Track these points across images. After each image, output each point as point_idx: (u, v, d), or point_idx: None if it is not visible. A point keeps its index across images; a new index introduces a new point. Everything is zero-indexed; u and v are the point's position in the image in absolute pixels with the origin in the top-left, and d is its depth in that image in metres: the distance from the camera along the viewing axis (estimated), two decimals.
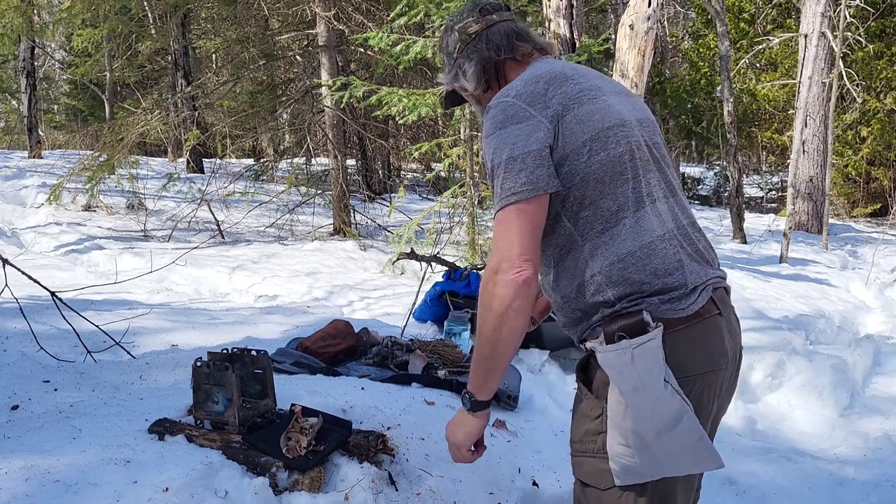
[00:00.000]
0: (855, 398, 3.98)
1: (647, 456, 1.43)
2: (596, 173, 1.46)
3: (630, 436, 1.43)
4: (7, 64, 18.43)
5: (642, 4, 5.46)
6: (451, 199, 6.59)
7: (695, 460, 1.44)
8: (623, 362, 1.41)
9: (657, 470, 1.45)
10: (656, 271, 1.47)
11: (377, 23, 8.37)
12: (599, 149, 1.47)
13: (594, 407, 1.52)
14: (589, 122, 1.47)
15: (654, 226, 1.49)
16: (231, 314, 4.55)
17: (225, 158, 11.37)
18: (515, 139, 1.44)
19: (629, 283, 1.46)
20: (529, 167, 1.43)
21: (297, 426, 2.10)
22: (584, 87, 1.52)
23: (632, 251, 1.47)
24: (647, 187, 1.51)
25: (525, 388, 3.14)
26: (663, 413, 1.41)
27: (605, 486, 1.50)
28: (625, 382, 1.41)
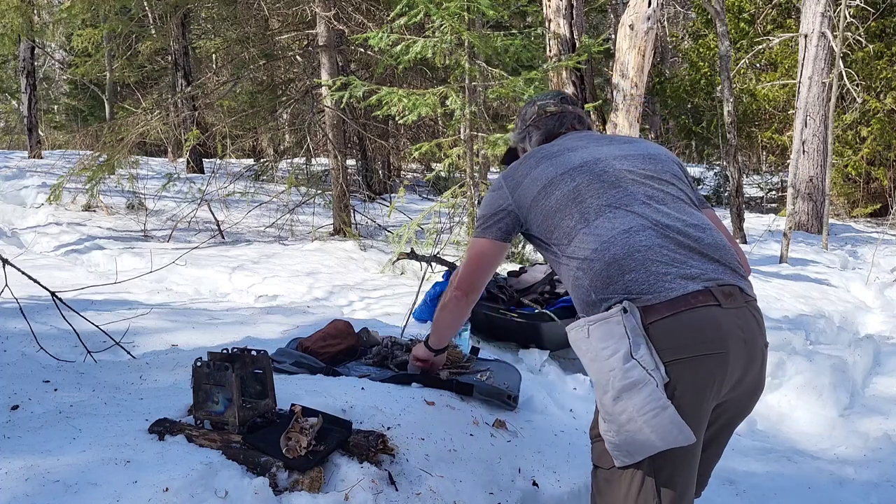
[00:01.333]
0: (855, 398, 3.98)
1: (615, 425, 1.63)
2: (553, 206, 1.90)
3: (601, 408, 1.68)
4: (7, 64, 18.43)
5: (642, 4, 5.46)
6: (451, 199, 6.59)
7: (662, 431, 1.57)
8: (581, 337, 1.69)
9: (630, 442, 1.62)
10: (615, 257, 1.72)
11: (377, 23, 8.37)
12: (553, 190, 1.91)
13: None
14: (540, 178, 1.95)
15: (611, 226, 1.78)
16: (231, 314, 4.55)
17: (225, 158, 11.36)
18: (490, 202, 2.07)
19: (601, 280, 1.72)
20: (491, 221, 2.06)
21: (297, 426, 2.10)
22: (551, 153, 2.01)
23: (595, 248, 1.76)
24: (601, 202, 1.84)
25: (525, 388, 3.14)
26: (618, 381, 1.60)
27: (608, 466, 1.71)
28: (583, 355, 1.70)
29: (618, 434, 1.63)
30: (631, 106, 5.71)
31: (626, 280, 1.68)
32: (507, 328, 3.98)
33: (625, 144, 2.04)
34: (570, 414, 3.19)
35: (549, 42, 6.85)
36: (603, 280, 1.71)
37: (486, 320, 3.98)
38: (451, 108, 6.13)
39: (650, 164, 1.96)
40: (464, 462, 2.41)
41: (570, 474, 2.61)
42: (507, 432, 2.75)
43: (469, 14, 5.86)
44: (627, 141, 2.08)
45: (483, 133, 6.47)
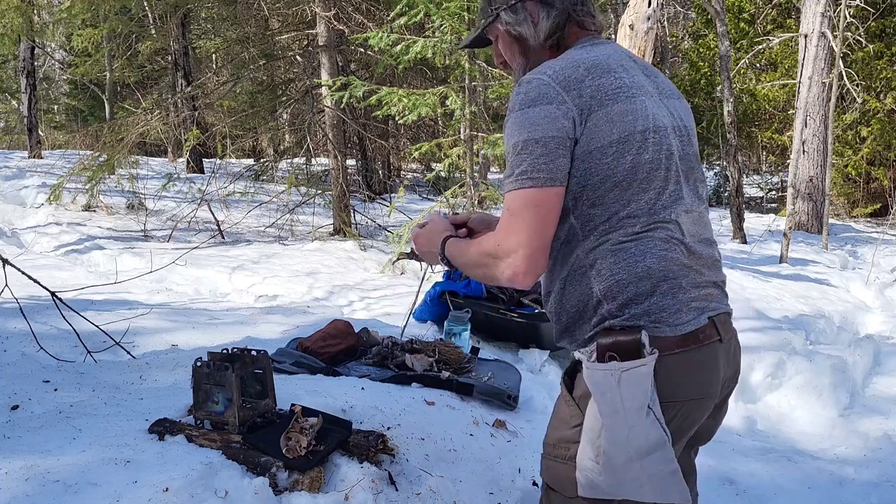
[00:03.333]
0: (855, 398, 3.98)
1: (614, 478, 1.41)
2: (618, 176, 1.40)
3: (601, 455, 1.41)
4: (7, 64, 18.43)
5: (642, 4, 5.46)
6: (451, 199, 6.60)
7: (662, 492, 1.41)
8: (608, 383, 1.38)
9: (620, 491, 1.43)
10: (648, 271, 1.42)
11: (377, 23, 8.37)
12: (626, 152, 1.40)
13: (574, 415, 1.50)
14: (619, 123, 1.40)
15: (660, 237, 1.44)
16: (231, 314, 4.55)
17: (225, 158, 11.36)
18: (541, 120, 1.37)
19: (616, 280, 1.42)
20: (550, 154, 1.37)
21: (297, 426, 2.10)
22: (623, 82, 1.43)
23: (626, 247, 1.42)
24: (667, 199, 1.45)
25: (525, 388, 3.15)
26: (638, 441, 1.38)
27: (570, 494, 1.49)
28: (606, 403, 1.39)
29: (608, 481, 1.41)
30: None
31: (651, 302, 1.41)
32: (507, 328, 3.99)
33: (672, 100, 1.55)
34: None
35: None
36: (625, 294, 1.42)
37: (486, 320, 3.98)
38: (451, 108, 6.14)
39: (691, 146, 1.55)
40: (464, 462, 2.41)
41: None
42: (507, 432, 2.75)
43: (469, 14, 5.86)
44: (673, 97, 1.57)
45: (483, 133, 6.47)
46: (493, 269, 1.43)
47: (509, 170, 1.41)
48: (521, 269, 1.39)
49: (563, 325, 1.53)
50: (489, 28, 1.59)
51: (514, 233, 1.39)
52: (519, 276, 1.40)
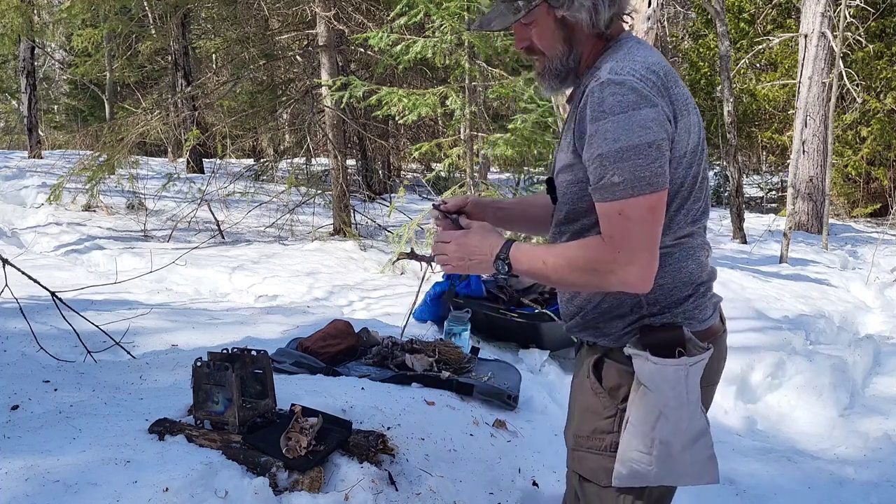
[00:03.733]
0: (855, 398, 3.98)
1: (666, 466, 1.46)
2: (684, 186, 1.44)
3: (657, 446, 1.45)
4: (7, 64, 18.43)
5: (642, 4, 5.46)
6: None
7: (701, 475, 1.50)
8: (678, 377, 1.43)
9: (666, 478, 1.49)
10: (689, 276, 1.49)
11: (377, 23, 8.37)
12: (693, 163, 1.44)
13: (608, 406, 1.53)
14: (691, 134, 1.43)
15: (697, 243, 1.51)
16: (231, 314, 4.55)
17: (225, 158, 11.37)
18: (650, 123, 1.34)
19: (661, 289, 1.46)
20: (663, 157, 1.36)
21: (297, 426, 2.10)
22: (687, 93, 1.46)
23: (670, 253, 1.47)
24: (704, 207, 1.51)
25: (525, 388, 3.15)
26: (694, 429, 1.47)
27: (605, 484, 1.52)
28: (674, 397, 1.43)
29: (658, 470, 1.46)
30: None
31: (689, 304, 1.49)
32: (507, 328, 3.99)
33: None
34: None
35: None
36: (667, 298, 1.48)
37: (486, 320, 3.98)
38: (451, 108, 6.14)
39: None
40: (464, 462, 2.41)
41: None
42: (507, 432, 2.75)
43: (469, 14, 5.86)
44: None
45: (483, 133, 6.47)
46: (609, 275, 1.39)
47: (619, 175, 1.35)
48: (647, 274, 1.39)
49: (588, 319, 1.55)
50: (531, 11, 1.48)
51: (637, 239, 1.37)
52: (646, 282, 1.39)
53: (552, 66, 1.51)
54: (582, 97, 1.43)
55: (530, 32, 1.51)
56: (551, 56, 1.51)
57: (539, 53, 1.53)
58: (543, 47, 1.51)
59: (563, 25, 1.48)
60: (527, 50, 1.55)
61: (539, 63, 1.54)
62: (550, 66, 1.52)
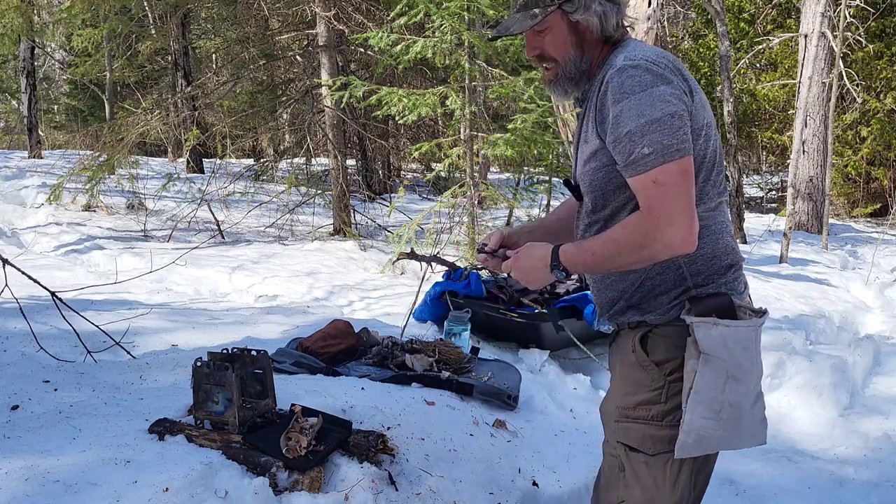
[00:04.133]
0: (855, 398, 3.98)
1: (734, 428, 1.54)
2: (707, 158, 1.54)
3: (726, 409, 1.52)
4: (7, 64, 18.42)
5: (642, 4, 5.46)
6: (451, 199, 6.59)
7: (756, 436, 1.59)
8: (751, 337, 1.53)
9: (730, 442, 1.56)
10: (727, 247, 1.59)
11: (377, 23, 8.37)
12: (710, 136, 1.54)
13: (655, 378, 1.58)
14: (704, 111, 1.53)
15: (725, 213, 1.63)
16: (231, 314, 4.55)
17: (225, 158, 11.36)
18: (669, 97, 1.44)
19: (700, 253, 1.54)
20: (687, 125, 1.45)
21: (297, 426, 2.10)
22: (690, 77, 1.56)
23: (707, 224, 1.55)
24: (723, 182, 1.61)
25: (525, 388, 3.15)
26: (757, 388, 1.57)
27: (653, 452, 1.59)
28: (746, 357, 1.52)
29: (726, 434, 1.54)
30: None
31: (729, 274, 1.59)
32: (507, 328, 3.99)
33: None
34: (570, 414, 3.19)
35: None
36: (710, 267, 1.57)
37: (486, 320, 3.98)
38: (451, 108, 6.13)
39: None
40: (464, 462, 2.41)
41: (570, 474, 2.61)
42: (507, 432, 2.75)
43: (469, 14, 5.86)
44: None
45: (483, 133, 6.47)
46: (654, 243, 1.45)
47: (648, 146, 1.43)
48: (689, 232, 1.45)
49: (633, 301, 1.61)
50: (546, 18, 1.57)
51: (673, 202, 1.44)
52: (690, 240, 1.45)
53: (566, 71, 1.60)
54: (600, 87, 1.53)
55: (542, 40, 1.60)
56: (565, 61, 1.60)
57: (551, 60, 1.61)
58: (556, 53, 1.60)
59: (576, 31, 1.58)
60: (538, 58, 1.63)
61: (551, 70, 1.62)
62: (565, 71, 1.60)
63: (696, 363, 1.51)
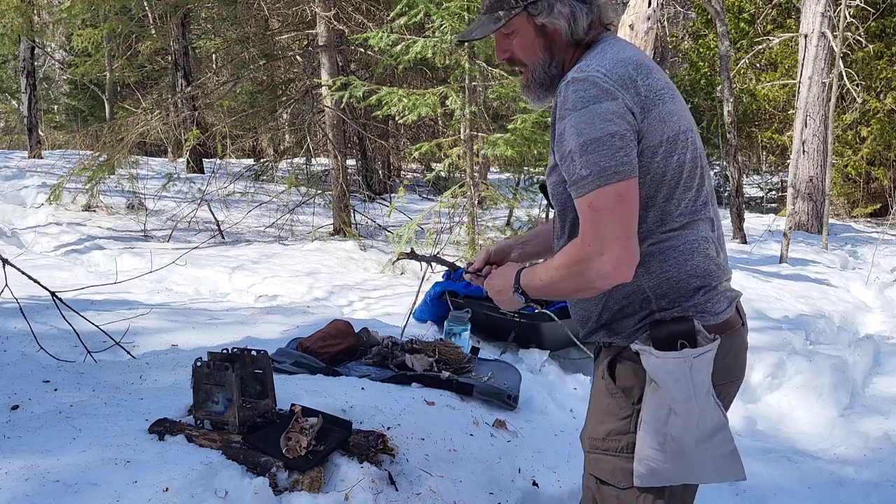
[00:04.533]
0: (855, 398, 3.98)
1: (682, 463, 1.46)
2: (667, 176, 1.44)
3: (669, 442, 1.45)
4: (7, 64, 18.42)
5: (642, 4, 5.46)
6: (451, 199, 6.59)
7: (724, 471, 1.49)
8: (682, 370, 1.42)
9: (685, 476, 1.48)
10: (696, 269, 1.47)
11: (377, 23, 8.37)
12: (673, 151, 1.44)
13: (623, 406, 1.52)
14: (668, 123, 1.43)
15: (701, 231, 1.50)
16: (231, 314, 4.55)
17: (225, 158, 11.36)
18: (611, 115, 1.36)
19: (665, 277, 1.47)
20: (627, 146, 1.37)
21: (297, 426, 2.10)
22: (665, 83, 1.47)
23: (675, 245, 1.47)
24: (704, 196, 1.51)
25: (525, 388, 3.15)
26: (707, 423, 1.45)
27: (624, 486, 1.51)
28: (679, 391, 1.43)
29: (675, 467, 1.46)
30: None
31: (698, 296, 1.48)
32: (507, 328, 3.99)
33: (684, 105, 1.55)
34: (570, 414, 3.19)
35: None
36: (676, 290, 1.47)
37: (486, 320, 3.98)
38: (451, 108, 6.13)
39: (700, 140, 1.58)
40: (464, 462, 2.41)
41: (570, 474, 2.61)
42: (507, 432, 2.75)
43: (469, 14, 5.86)
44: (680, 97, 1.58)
45: (483, 133, 6.47)
46: (588, 271, 1.38)
47: (585, 168, 1.37)
48: (623, 260, 1.37)
49: (603, 320, 1.55)
50: (510, 21, 1.50)
51: (607, 228, 1.36)
52: (622, 268, 1.37)
53: (536, 76, 1.53)
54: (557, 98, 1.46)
55: (511, 43, 1.53)
56: (533, 65, 1.53)
57: (521, 64, 1.55)
58: (525, 57, 1.53)
59: (543, 34, 1.50)
60: (508, 61, 1.57)
61: (523, 75, 1.56)
62: (534, 76, 1.53)
63: (647, 391, 1.46)
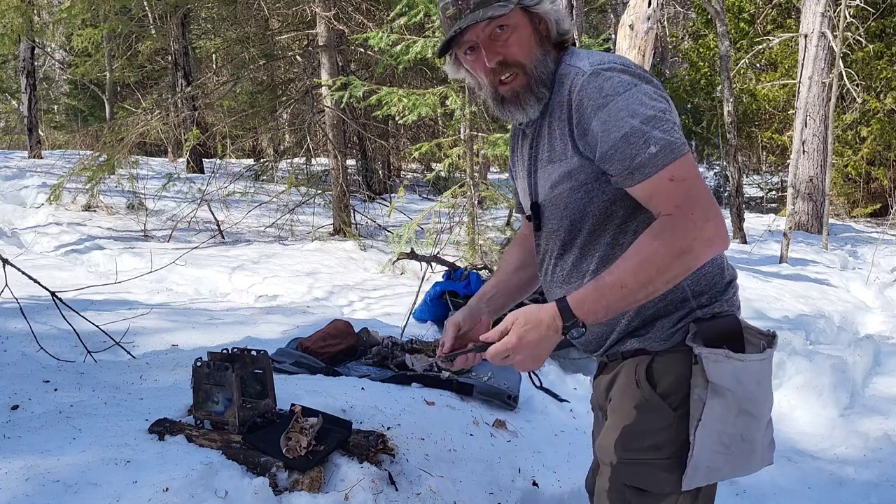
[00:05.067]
0: (855, 398, 3.98)
1: (746, 460, 1.46)
2: None
3: (738, 444, 1.42)
4: (7, 64, 18.42)
5: (642, 4, 5.46)
6: (451, 199, 6.59)
7: (766, 459, 1.50)
8: (765, 371, 1.43)
9: (740, 471, 1.48)
10: (722, 265, 1.48)
11: (377, 23, 8.37)
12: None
13: (665, 415, 1.43)
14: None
15: None
16: (231, 314, 4.55)
17: (225, 158, 11.36)
18: (656, 95, 1.34)
19: (705, 278, 1.44)
20: (678, 122, 1.35)
21: (297, 426, 2.10)
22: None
23: None
24: None
25: (525, 388, 3.14)
26: (768, 414, 1.48)
27: (668, 491, 1.44)
28: (762, 391, 1.42)
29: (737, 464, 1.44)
30: None
31: (729, 291, 1.48)
32: None
33: None
34: (570, 414, 3.19)
35: None
36: (712, 287, 1.45)
37: None
38: (451, 108, 6.13)
39: None
40: (464, 462, 2.41)
41: (570, 474, 2.61)
42: (507, 432, 2.75)
43: None
44: None
45: (483, 133, 6.47)
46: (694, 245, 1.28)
47: (655, 145, 1.29)
48: (723, 228, 1.31)
49: (633, 327, 1.46)
50: (504, 16, 1.39)
51: (702, 193, 1.30)
52: (725, 235, 1.32)
53: (538, 73, 1.42)
54: (569, 96, 1.38)
55: (505, 43, 1.41)
56: (534, 62, 1.42)
57: (516, 66, 1.42)
58: (523, 55, 1.42)
59: (537, 29, 1.43)
60: (501, 65, 1.42)
61: (515, 80, 1.42)
62: (536, 74, 1.42)
63: (703, 392, 1.38)
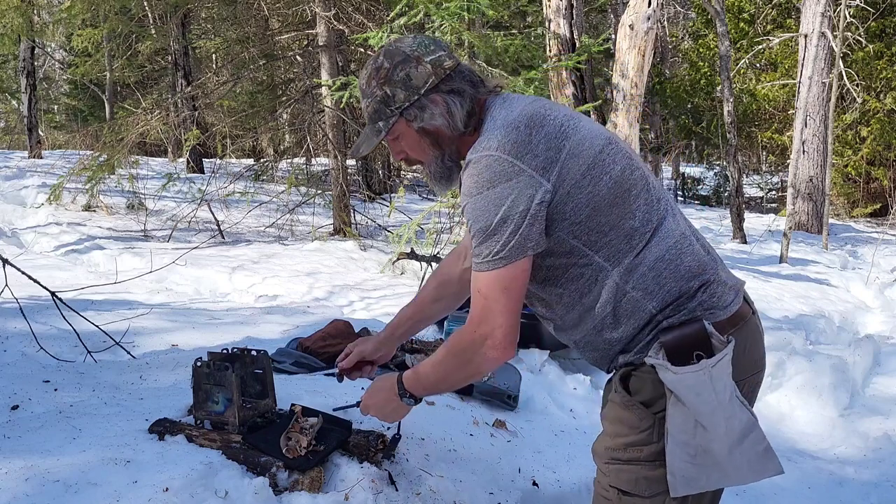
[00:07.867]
0: (855, 398, 3.98)
1: (717, 471, 1.44)
2: (606, 198, 1.43)
3: (700, 454, 1.42)
4: (7, 64, 18.43)
5: (642, 4, 5.46)
6: (451, 199, 6.59)
7: (760, 470, 1.46)
8: (702, 383, 1.39)
9: (722, 482, 1.46)
10: (690, 270, 1.46)
11: (377, 23, 8.37)
12: (600, 174, 1.43)
13: (644, 417, 1.48)
14: (582, 153, 1.43)
15: (674, 227, 1.49)
16: (231, 314, 4.55)
17: (225, 158, 11.37)
18: (504, 199, 1.38)
19: (667, 291, 1.45)
20: (518, 228, 1.38)
21: (297, 426, 2.10)
22: (561, 117, 1.46)
23: (660, 256, 1.46)
24: (656, 193, 1.50)
25: (525, 388, 3.14)
26: (736, 428, 1.42)
27: (649, 494, 1.48)
28: (703, 403, 1.39)
29: (710, 475, 1.44)
30: (631, 106, 5.72)
31: (700, 295, 1.46)
32: None
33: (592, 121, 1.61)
34: (570, 414, 3.19)
35: (549, 42, 6.85)
36: (677, 297, 1.45)
37: None
38: None
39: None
40: (464, 462, 2.41)
41: (570, 474, 2.61)
42: (507, 432, 2.75)
43: (469, 14, 5.86)
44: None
45: None
46: (476, 357, 1.47)
47: (478, 255, 1.43)
48: (504, 344, 1.45)
49: (615, 351, 1.53)
50: (390, 129, 1.53)
51: (491, 315, 1.43)
52: (500, 352, 1.45)
53: (433, 171, 1.56)
54: None
55: (401, 146, 1.57)
56: (428, 162, 1.56)
57: (417, 162, 1.59)
58: (418, 156, 1.57)
59: (426, 133, 1.53)
60: (406, 161, 1.60)
61: (423, 170, 1.59)
62: (432, 171, 1.56)
63: (669, 403, 1.43)
